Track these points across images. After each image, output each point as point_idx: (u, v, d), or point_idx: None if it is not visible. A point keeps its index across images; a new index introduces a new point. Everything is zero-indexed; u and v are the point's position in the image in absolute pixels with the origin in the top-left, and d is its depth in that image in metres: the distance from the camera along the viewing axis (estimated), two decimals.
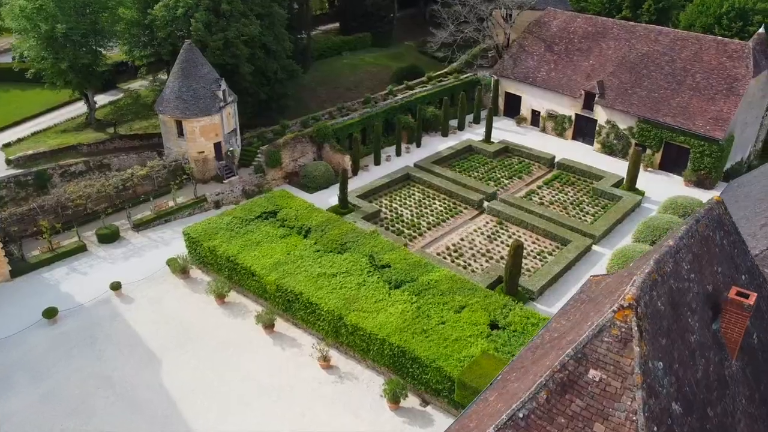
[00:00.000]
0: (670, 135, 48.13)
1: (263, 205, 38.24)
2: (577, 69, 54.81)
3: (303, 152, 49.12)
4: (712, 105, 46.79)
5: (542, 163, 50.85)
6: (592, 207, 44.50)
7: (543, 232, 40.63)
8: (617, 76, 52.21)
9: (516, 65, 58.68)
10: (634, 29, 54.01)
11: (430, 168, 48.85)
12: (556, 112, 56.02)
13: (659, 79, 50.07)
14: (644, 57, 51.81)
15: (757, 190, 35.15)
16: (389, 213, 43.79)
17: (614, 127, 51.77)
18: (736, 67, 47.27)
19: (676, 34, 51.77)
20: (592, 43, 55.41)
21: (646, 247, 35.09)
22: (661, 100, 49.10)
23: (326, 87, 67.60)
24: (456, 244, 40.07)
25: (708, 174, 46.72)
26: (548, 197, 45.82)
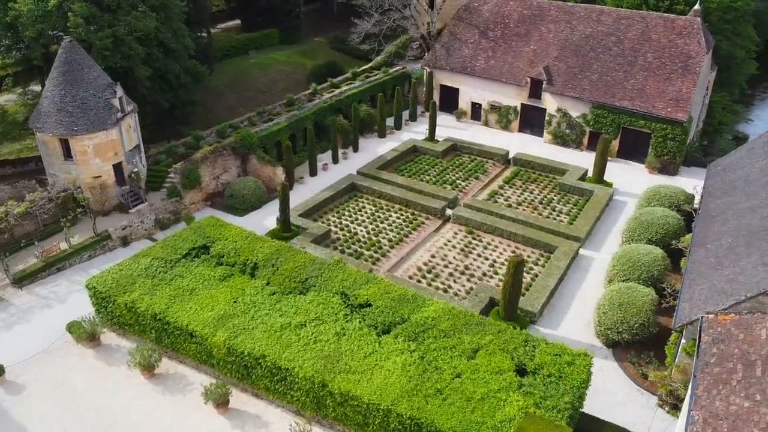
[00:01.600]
0: (628, 120, 44.78)
1: (190, 239, 30.11)
2: (518, 55, 50.51)
3: (225, 167, 40.99)
4: (669, 85, 43.89)
5: (496, 160, 45.95)
6: (563, 205, 40.00)
7: (522, 239, 35.45)
8: (563, 60, 48.38)
9: (450, 55, 53.55)
10: (573, 10, 50.49)
11: (377, 175, 42.42)
12: (499, 104, 51.44)
13: (609, 61, 46.69)
14: (589, 39, 48.32)
15: (756, 173, 31.79)
16: (341, 232, 36.89)
17: (566, 115, 47.87)
18: (688, 44, 44.72)
19: (620, 13, 48.71)
20: (530, 26, 51.33)
21: (650, 249, 30.69)
22: (615, 84, 45.70)
23: (235, 90, 59.36)
24: (428, 263, 33.94)
25: (672, 159, 43.77)
26: (514, 198, 40.84)
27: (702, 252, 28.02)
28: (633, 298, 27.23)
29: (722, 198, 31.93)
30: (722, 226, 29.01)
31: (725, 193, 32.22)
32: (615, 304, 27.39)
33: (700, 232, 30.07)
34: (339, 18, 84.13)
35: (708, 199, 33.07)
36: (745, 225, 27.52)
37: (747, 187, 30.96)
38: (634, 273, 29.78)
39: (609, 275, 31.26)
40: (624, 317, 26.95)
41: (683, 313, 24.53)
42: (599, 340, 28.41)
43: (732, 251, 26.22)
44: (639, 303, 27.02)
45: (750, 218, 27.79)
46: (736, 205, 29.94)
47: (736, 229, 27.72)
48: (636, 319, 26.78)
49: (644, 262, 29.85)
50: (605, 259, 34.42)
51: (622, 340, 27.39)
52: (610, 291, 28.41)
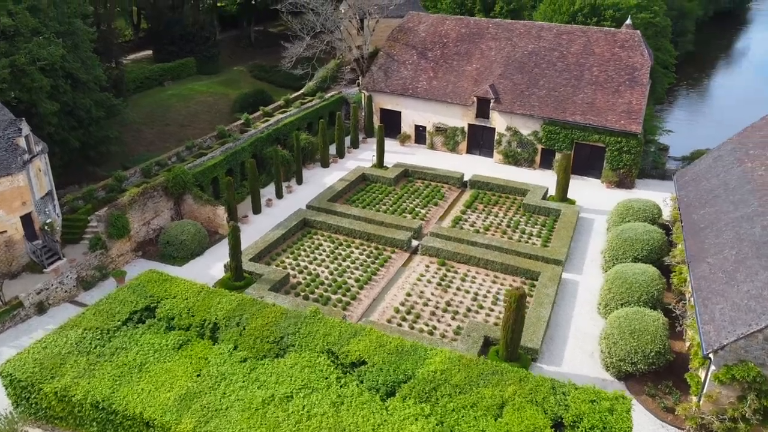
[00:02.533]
0: (581, 135, 43.65)
1: (129, 300, 24.90)
2: (461, 74, 48.63)
3: (157, 211, 35.69)
4: (618, 98, 43.23)
5: (452, 183, 43.35)
6: (531, 226, 37.78)
7: (501, 267, 32.67)
8: (508, 77, 46.91)
9: (389, 77, 50.91)
10: (512, 27, 49.41)
11: (330, 208, 38.53)
12: (445, 125, 49.18)
13: (555, 77, 45.65)
14: (532, 55, 47.21)
15: (736, 181, 30.79)
16: (301, 276, 32.61)
17: (516, 133, 46.22)
18: (631, 56, 44.45)
19: (560, 29, 48.06)
20: (470, 45, 49.72)
21: (644, 267, 28.67)
22: (564, 99, 44.60)
23: (153, 125, 53.91)
24: (405, 303, 30.34)
25: (628, 172, 42.91)
26: (480, 223, 38.20)
27: (705, 267, 26.22)
28: (644, 323, 24.87)
29: (705, 208, 30.64)
30: (717, 238, 27.46)
31: (706, 203, 30.98)
32: (626, 332, 24.89)
33: (693, 246, 28.42)
34: (257, 46, 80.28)
35: (688, 211, 31.75)
36: (746, 235, 26.02)
37: (731, 196, 29.80)
38: (633, 295, 27.59)
39: (604, 299, 28.93)
40: (638, 346, 24.48)
41: (710, 337, 22.32)
42: (609, 372, 25.80)
43: (742, 264, 24.50)
44: (652, 329, 24.68)
45: (749, 228, 26.36)
46: (726, 215, 28.59)
47: (737, 240, 26.16)
48: (651, 346, 24.39)
49: (641, 282, 27.76)
50: (590, 282, 32.26)
51: (637, 371, 24.89)
52: (615, 318, 25.93)
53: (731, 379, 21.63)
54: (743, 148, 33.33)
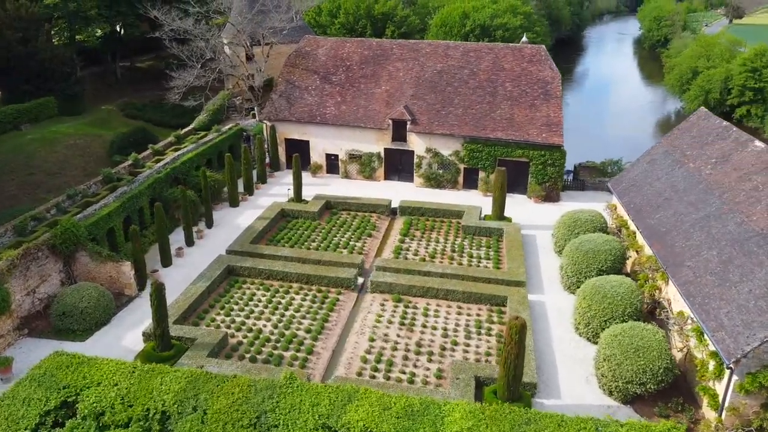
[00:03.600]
0: (504, 151, 42.58)
1: (35, 398, 18.67)
2: (371, 97, 46.03)
3: (43, 275, 28.71)
4: (536, 112, 42.86)
5: (380, 212, 40.16)
6: (476, 249, 35.52)
7: (463, 296, 29.82)
8: (421, 98, 45.05)
9: (292, 104, 47.05)
10: (417, 47, 47.87)
11: (255, 251, 33.66)
12: (359, 151, 46.11)
13: (470, 94, 44.49)
14: (442, 74, 45.84)
15: (684, 182, 30.65)
16: (240, 334, 27.47)
17: (437, 155, 44.25)
18: (541, 70, 44.50)
19: (466, 46, 47.26)
20: (376, 67, 47.39)
21: (620, 279, 27.14)
22: (482, 116, 43.46)
23: (14, 175, 45.53)
24: (371, 350, 26.36)
25: (554, 185, 42.41)
26: (422, 250, 35.28)
27: (687, 272, 25.15)
28: (646, 339, 23.04)
29: (659, 212, 30.08)
30: (688, 241, 26.69)
31: (659, 207, 30.49)
32: (630, 351, 22.88)
33: (663, 251, 27.47)
34: (124, 82, 72.72)
35: (640, 216, 31.10)
36: (720, 235, 25.38)
37: (685, 197, 29.47)
38: (616, 310, 25.86)
39: (583, 318, 26.95)
40: (646, 364, 22.53)
41: (727, 345, 20.83)
42: (613, 397, 23.62)
43: (730, 264, 23.61)
44: (655, 344, 22.89)
45: (721, 227, 25.79)
46: (687, 217, 28.05)
47: (712, 240, 25.45)
48: (659, 363, 22.54)
49: (622, 295, 26.14)
50: (557, 302, 30.39)
51: (646, 392, 22.91)
52: (611, 337, 23.89)
53: (759, 387, 20.19)
54: (677, 150, 33.61)
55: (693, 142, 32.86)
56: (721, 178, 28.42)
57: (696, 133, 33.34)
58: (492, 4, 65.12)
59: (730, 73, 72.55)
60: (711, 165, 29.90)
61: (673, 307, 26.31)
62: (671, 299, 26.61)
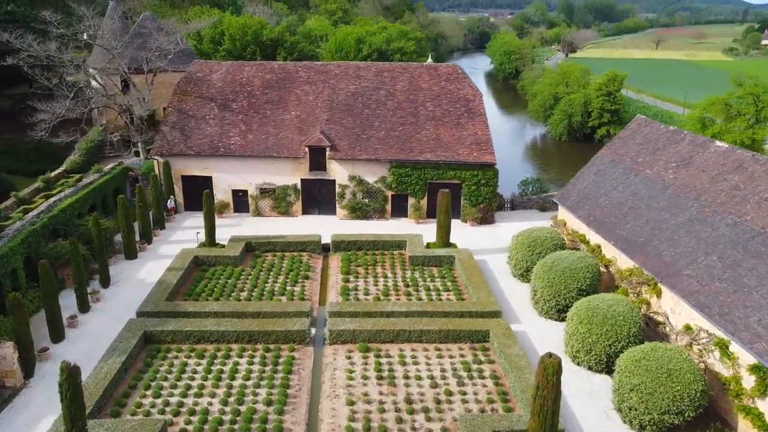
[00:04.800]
0: (434, 174, 39.66)
1: None
2: (281, 124, 41.24)
3: None
4: (463, 131, 40.61)
5: (311, 250, 35.21)
6: (431, 281, 31.82)
7: (439, 335, 25.83)
8: (337, 122, 41.10)
9: (188, 137, 40.86)
10: (326, 69, 44.04)
11: (177, 309, 27.27)
12: (272, 185, 40.88)
13: (389, 116, 41.32)
14: (356, 96, 42.33)
15: (646, 189, 29.37)
16: (182, 419, 21.15)
17: (361, 182, 40.30)
18: (461, 89, 42.57)
19: (379, 67, 44.22)
20: (281, 91, 42.78)
21: (616, 297, 24.70)
22: (407, 138, 40.38)
23: None
24: (355, 417, 21.40)
25: (489, 206, 40.13)
26: (373, 288, 30.90)
27: (688, 281, 23.26)
28: (675, 361, 20.46)
29: (629, 222, 28.43)
30: (676, 249, 25.01)
31: (626, 217, 28.89)
32: (662, 377, 20.15)
33: (648, 262, 25.57)
34: None
35: (605, 229, 29.32)
36: (714, 239, 23.89)
37: (655, 203, 28.06)
38: (621, 331, 23.24)
39: (583, 344, 24.01)
40: (682, 390, 19.89)
41: None
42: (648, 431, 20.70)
43: (739, 267, 21.99)
44: (686, 365, 20.39)
45: (710, 230, 24.37)
46: (664, 224, 26.51)
47: (708, 245, 23.89)
48: (695, 386, 20.01)
49: (624, 314, 23.62)
50: (539, 330, 27.43)
51: (683, 422, 20.23)
52: (632, 363, 21.03)
53: None
54: (625, 158, 32.60)
55: (642, 148, 32.00)
56: (690, 181, 27.34)
57: (641, 139, 32.60)
58: (382, 30, 63.52)
59: (589, 97, 76.56)
60: (672, 169, 28.90)
61: (672, 321, 24.27)
62: (667, 313, 24.61)
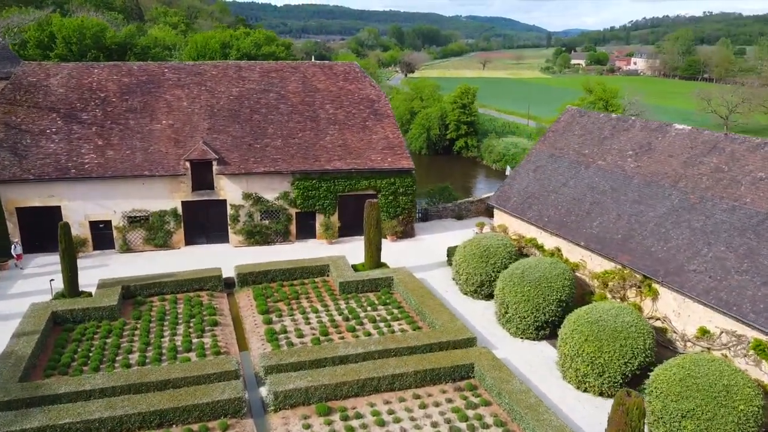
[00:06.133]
0: (346, 185, 34.14)
1: None
2: (150, 136, 33.21)
3: None
4: (372, 134, 35.62)
5: (210, 288, 27.83)
6: (372, 310, 26.18)
7: (415, 378, 20.33)
8: (222, 131, 34.06)
9: (23, 157, 31.28)
10: (199, 70, 36.71)
11: (42, 393, 18.75)
12: (144, 211, 32.60)
13: (285, 122, 35.15)
14: (242, 100, 35.60)
15: (605, 182, 26.49)
16: None
17: (259, 201, 33.54)
18: (362, 88, 37.65)
19: (264, 66, 37.81)
20: (146, 97, 34.70)
21: (614, 304, 21.00)
22: (310, 145, 34.46)
23: None
24: None
25: (408, 217, 35.43)
26: (307, 328, 24.51)
27: (698, 277, 20.25)
28: (728, 376, 16.90)
29: (596, 219, 25.27)
30: (668, 242, 22.09)
31: (589, 214, 25.73)
32: (720, 397, 16.46)
33: (638, 262, 22.39)
34: None
35: (569, 230, 25.97)
36: (714, 226, 21.26)
37: (622, 196, 25.15)
38: (637, 346, 19.51)
39: (593, 367, 19.88)
40: (746, 410, 16.38)
41: None
42: None
43: (759, 255, 19.33)
44: (740, 379, 16.94)
45: (706, 218, 21.77)
46: (643, 216, 23.61)
47: (707, 234, 21.17)
48: (756, 402, 16.61)
49: (636, 325, 19.92)
50: (519, 352, 23.03)
51: None
52: (678, 384, 17.15)
53: None
54: (566, 151, 29.75)
55: (584, 140, 29.31)
56: (658, 168, 24.79)
57: (581, 130, 29.96)
58: (246, 35, 56.76)
59: (445, 110, 76.52)
60: (631, 158, 26.31)
61: (677, 326, 21.10)
62: (669, 317, 21.43)
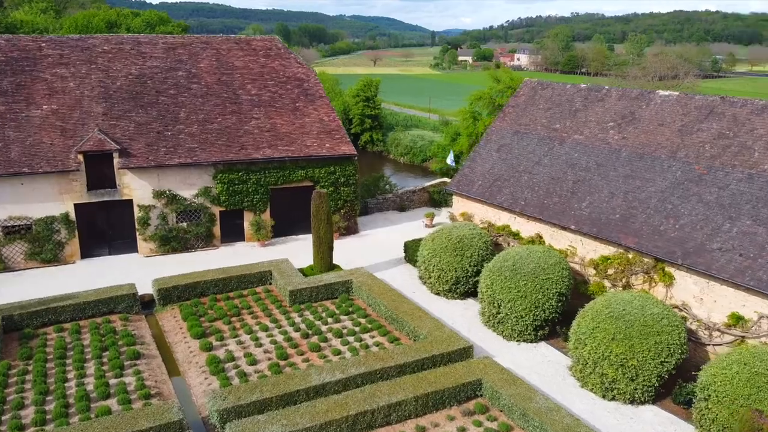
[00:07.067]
0: (279, 176, 29.21)
1: None
2: (29, 124, 26.45)
3: None
4: (305, 117, 30.91)
5: (123, 310, 22.00)
6: (335, 322, 21.69)
7: (416, 405, 16.22)
8: (123, 116, 27.94)
9: None
10: (87, 44, 30.04)
11: None
12: (26, 219, 25.84)
13: (200, 104, 29.58)
14: (145, 79, 29.56)
15: (587, 158, 23.73)
16: None
17: (174, 199, 27.80)
18: (287, 66, 32.77)
19: (168, 40, 31.77)
20: (20, 77, 27.76)
21: (634, 296, 18.02)
22: (232, 132, 29.16)
23: None
24: None
25: (351, 210, 31.11)
26: (258, 352, 19.55)
27: (725, 256, 17.78)
28: None
29: (584, 199, 22.47)
30: (679, 220, 19.57)
31: (575, 194, 22.91)
32: None
33: (648, 244, 19.69)
34: None
35: (553, 213, 22.93)
36: (732, 198, 19.02)
37: (612, 172, 22.50)
38: (672, 340, 16.62)
39: (624, 371, 16.71)
40: None
41: None
42: None
43: None
44: None
45: (719, 190, 19.52)
46: (643, 193, 21.01)
47: (725, 208, 18.90)
48: None
49: (666, 317, 17.02)
50: (518, 358, 19.51)
51: None
52: (746, 384, 14.37)
53: None
54: (533, 126, 26.81)
55: (552, 113, 26.45)
56: (650, 139, 22.29)
57: (547, 103, 27.10)
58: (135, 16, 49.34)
59: (347, 104, 72.88)
60: (614, 129, 23.70)
61: (699, 313, 18.52)
62: (689, 303, 18.83)
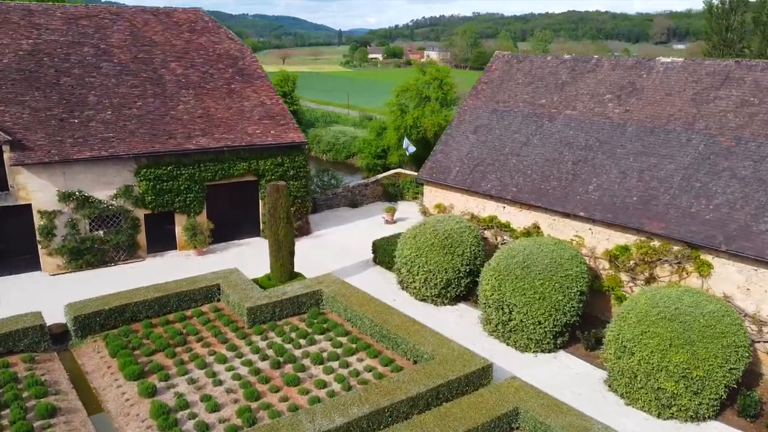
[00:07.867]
0: (217, 169, 24.44)
1: None
2: None
3: None
4: (244, 101, 26.28)
5: (29, 347, 16.69)
6: (310, 344, 17.50)
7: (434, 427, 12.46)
8: (14, 100, 22.17)
9: None
10: None
11: None
12: None
13: (114, 86, 24.26)
14: (40, 56, 23.85)
15: (585, 135, 20.89)
16: None
17: (86, 203, 22.39)
18: (218, 42, 27.97)
19: (68, 11, 25.98)
20: None
21: (675, 293, 15.16)
22: (156, 119, 24.08)
23: None
24: None
25: (303, 207, 26.81)
26: (219, 393, 15.04)
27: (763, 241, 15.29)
28: None
29: (591, 183, 19.71)
30: (712, 200, 17.13)
31: (577, 176, 20.07)
32: None
33: (681, 228, 17.01)
34: None
35: (554, 199, 19.95)
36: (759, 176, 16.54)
37: (619, 149, 19.88)
38: (739, 342, 13.89)
39: (689, 382, 13.79)
40: None
41: None
42: None
43: None
44: None
45: (754, 163, 17.04)
46: (660, 170, 18.51)
47: (765, 182, 16.37)
48: None
49: (728, 315, 14.29)
50: (545, 377, 16.18)
51: None
52: None
53: None
54: (514, 102, 23.76)
55: (535, 88, 23.45)
56: (659, 111, 19.68)
57: (527, 78, 24.06)
58: None
59: None
60: (613, 102, 20.96)
61: (746, 306, 15.98)
62: (732, 295, 16.27)
